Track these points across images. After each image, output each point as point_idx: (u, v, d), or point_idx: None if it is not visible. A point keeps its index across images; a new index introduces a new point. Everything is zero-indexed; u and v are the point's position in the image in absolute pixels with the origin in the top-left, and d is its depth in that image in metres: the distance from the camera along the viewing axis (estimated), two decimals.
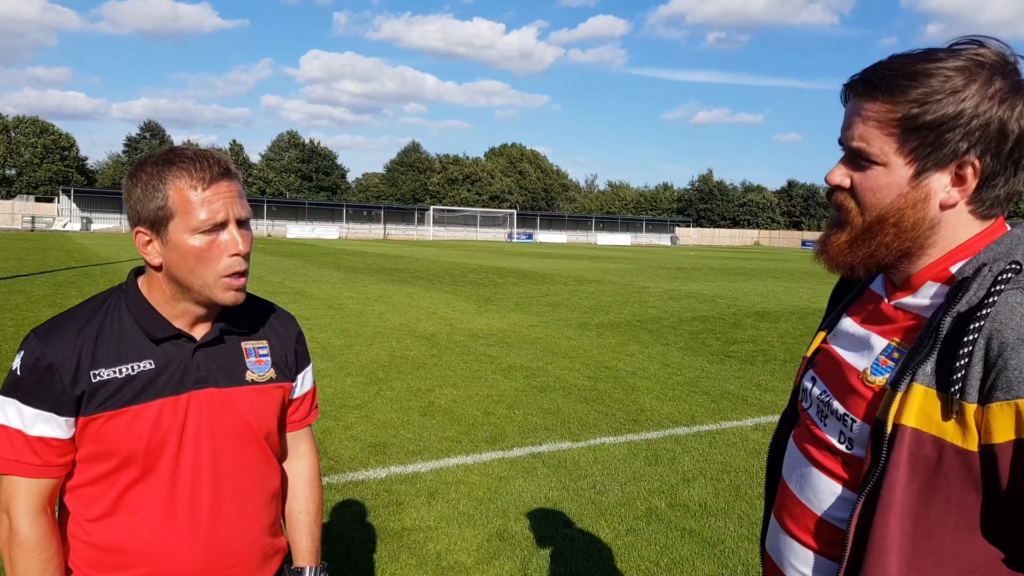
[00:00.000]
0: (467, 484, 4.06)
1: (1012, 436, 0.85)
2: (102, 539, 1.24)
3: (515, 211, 77.13)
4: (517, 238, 73.05)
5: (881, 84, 0.97)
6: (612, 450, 4.72)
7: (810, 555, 1.07)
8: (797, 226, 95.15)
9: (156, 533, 1.24)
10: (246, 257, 1.23)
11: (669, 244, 79.95)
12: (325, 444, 4.64)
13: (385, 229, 73.14)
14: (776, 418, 5.65)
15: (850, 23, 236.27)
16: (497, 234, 77.86)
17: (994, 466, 0.87)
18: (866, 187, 0.99)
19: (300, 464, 1.50)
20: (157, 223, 1.19)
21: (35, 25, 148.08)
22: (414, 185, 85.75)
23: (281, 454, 1.46)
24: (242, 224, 1.23)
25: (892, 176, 0.97)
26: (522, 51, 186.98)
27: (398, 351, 7.93)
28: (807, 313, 12.64)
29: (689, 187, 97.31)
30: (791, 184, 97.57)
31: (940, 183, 0.96)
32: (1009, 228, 1.00)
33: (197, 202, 1.18)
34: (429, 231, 72.09)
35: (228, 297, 1.23)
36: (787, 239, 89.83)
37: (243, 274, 1.24)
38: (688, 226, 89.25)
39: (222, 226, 1.20)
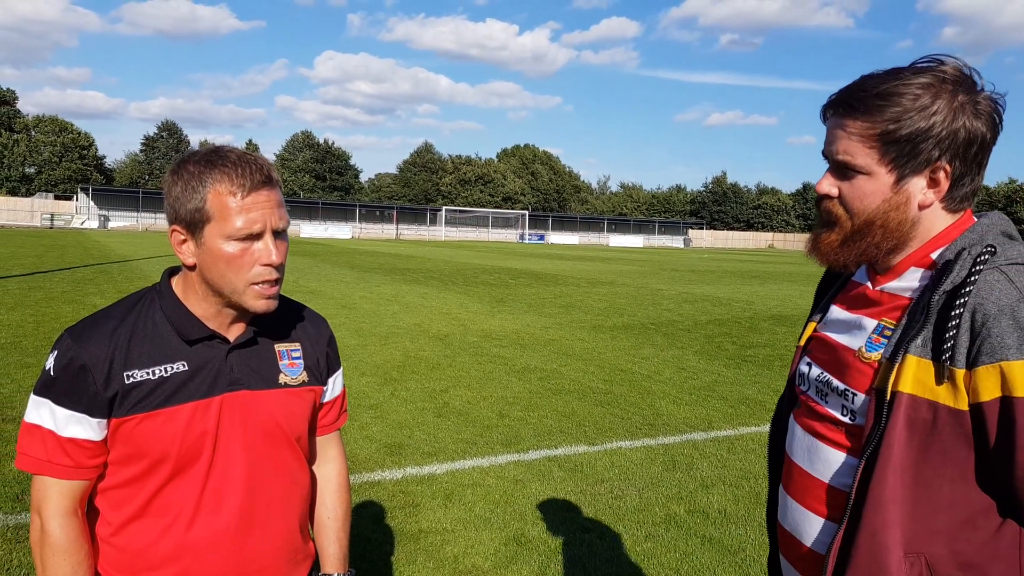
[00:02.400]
0: (483, 486, 4.04)
1: (998, 394, 0.98)
2: (131, 542, 1.23)
3: (527, 212, 77.07)
4: (529, 239, 72.99)
5: (859, 105, 1.10)
6: (629, 454, 4.69)
7: (823, 522, 1.17)
8: (812, 229, 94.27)
9: (185, 536, 1.22)
10: (279, 267, 1.22)
11: (682, 246, 79.53)
12: None
13: (397, 229, 73.31)
14: None
15: (865, 25, 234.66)
16: (509, 235, 77.81)
17: (983, 421, 1.00)
18: (854, 195, 1.13)
19: (329, 469, 1.49)
20: (193, 224, 1.18)
21: (56, 26, 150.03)
22: (426, 185, 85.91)
23: (311, 458, 1.45)
24: (278, 234, 1.22)
25: (876, 184, 1.11)
26: (535, 52, 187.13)
27: (412, 351, 7.94)
28: None
29: (702, 189, 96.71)
30: (806, 187, 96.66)
31: (918, 187, 1.10)
32: (976, 218, 1.13)
33: (235, 209, 1.16)
34: (441, 231, 72.18)
35: (259, 305, 1.22)
36: (801, 242, 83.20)
37: (275, 283, 1.22)
38: (701, 228, 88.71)
39: (258, 236, 1.19)
